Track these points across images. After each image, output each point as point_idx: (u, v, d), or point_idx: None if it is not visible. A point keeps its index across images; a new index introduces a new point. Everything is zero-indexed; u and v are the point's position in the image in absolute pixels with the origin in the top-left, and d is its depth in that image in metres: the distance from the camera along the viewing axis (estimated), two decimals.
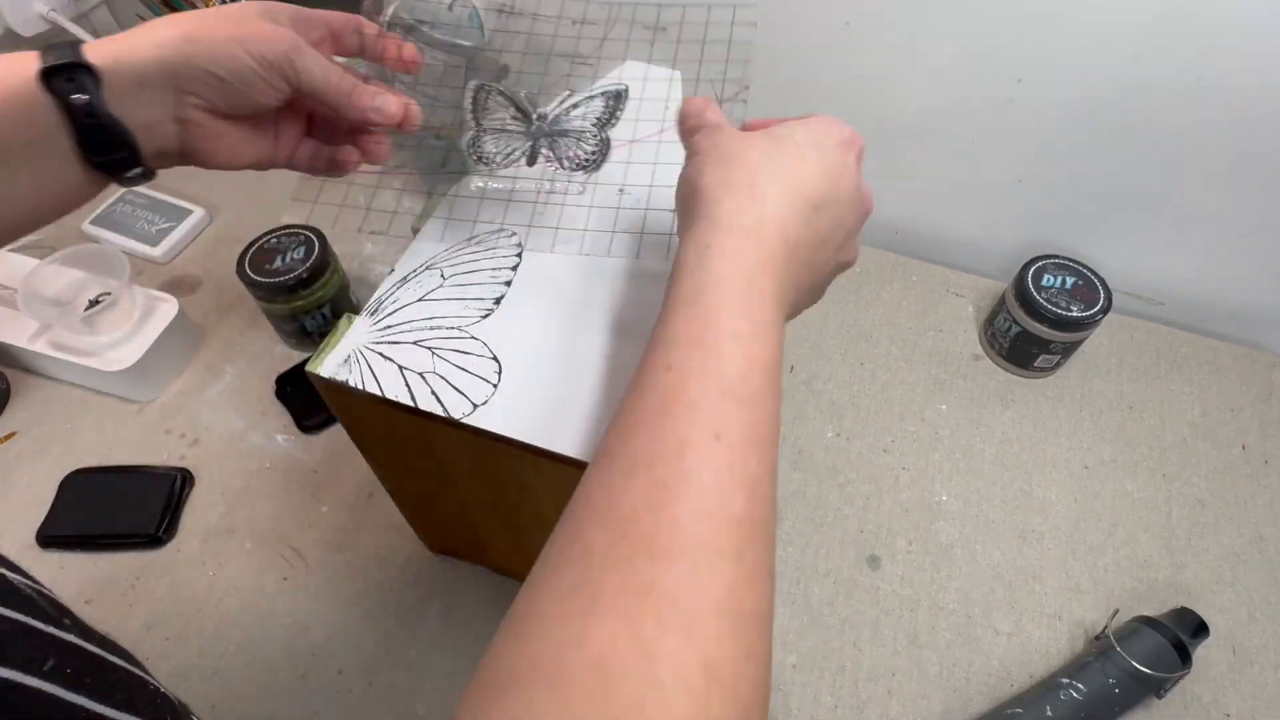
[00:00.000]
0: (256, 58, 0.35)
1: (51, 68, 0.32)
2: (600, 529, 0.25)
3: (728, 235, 0.30)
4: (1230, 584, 0.60)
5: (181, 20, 0.35)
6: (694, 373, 0.27)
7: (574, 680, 0.22)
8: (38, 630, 0.21)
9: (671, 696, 0.21)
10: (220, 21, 0.35)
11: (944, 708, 0.55)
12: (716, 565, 0.24)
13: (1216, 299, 0.77)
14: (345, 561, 0.61)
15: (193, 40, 0.34)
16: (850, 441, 0.68)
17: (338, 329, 0.40)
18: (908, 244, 0.84)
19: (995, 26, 0.64)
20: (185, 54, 0.34)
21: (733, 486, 0.25)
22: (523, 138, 0.41)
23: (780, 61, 0.75)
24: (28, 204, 0.34)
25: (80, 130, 0.33)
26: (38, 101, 0.32)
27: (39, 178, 0.34)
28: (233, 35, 0.34)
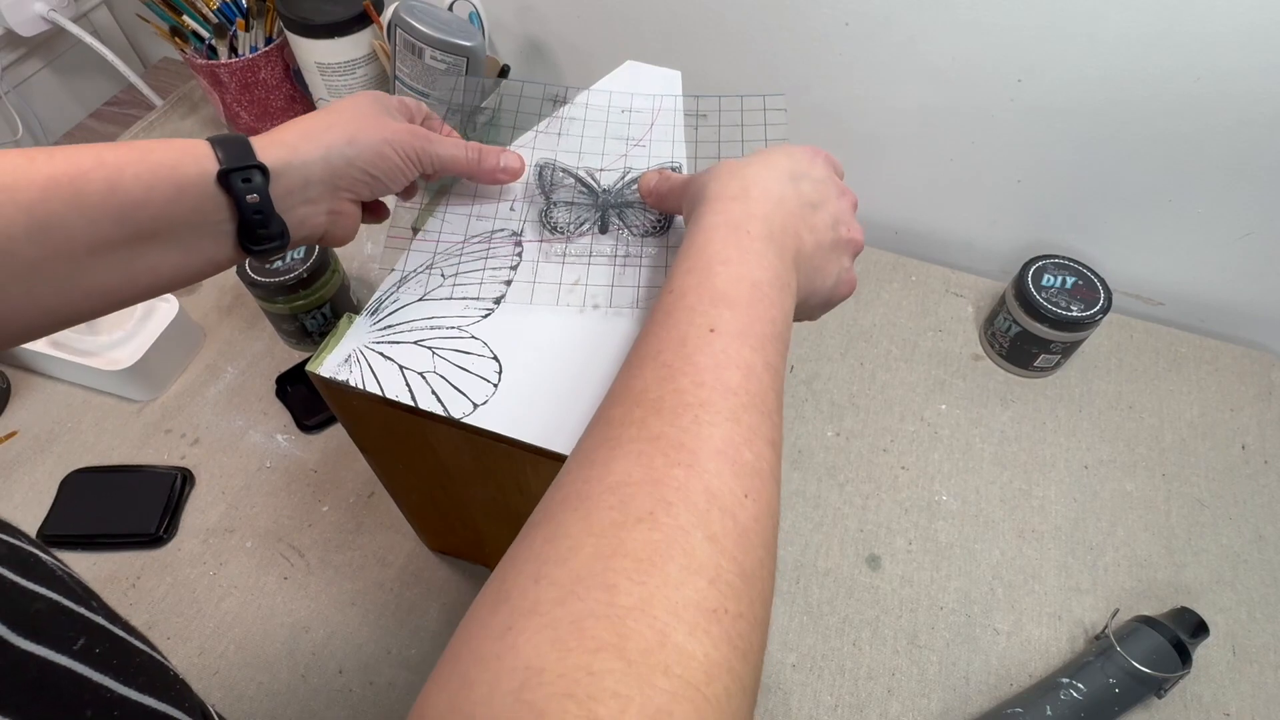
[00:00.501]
0: (402, 155, 0.40)
1: (230, 169, 0.35)
2: (618, 405, 0.30)
3: (717, 200, 0.35)
4: (1230, 583, 0.60)
5: (339, 122, 0.39)
6: (691, 288, 0.32)
7: (595, 502, 0.26)
8: (70, 610, 0.22)
9: (676, 510, 0.25)
10: (370, 123, 0.39)
11: (944, 707, 0.55)
12: (715, 420, 0.28)
13: (1216, 299, 0.77)
14: (345, 561, 0.61)
15: (353, 143, 0.39)
16: (850, 441, 0.68)
17: (338, 329, 0.40)
18: (908, 244, 0.85)
19: (995, 27, 0.64)
20: (347, 157, 0.39)
21: (727, 365, 0.29)
22: (591, 209, 0.45)
23: (781, 61, 0.75)
24: (171, 273, 0.36)
25: (244, 223, 0.36)
26: (211, 195, 0.35)
27: (191, 254, 0.36)
28: (383, 137, 0.39)
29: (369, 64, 0.81)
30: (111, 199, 0.32)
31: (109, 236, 0.33)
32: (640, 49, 0.80)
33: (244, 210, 0.36)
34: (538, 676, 0.21)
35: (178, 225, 0.35)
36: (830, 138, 0.78)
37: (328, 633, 0.57)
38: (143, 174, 0.33)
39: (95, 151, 0.33)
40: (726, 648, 0.23)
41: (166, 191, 0.34)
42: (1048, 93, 0.67)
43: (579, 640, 0.21)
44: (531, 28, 0.85)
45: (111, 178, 0.32)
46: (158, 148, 0.34)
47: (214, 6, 0.79)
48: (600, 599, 0.22)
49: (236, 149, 0.35)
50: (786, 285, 0.34)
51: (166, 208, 0.34)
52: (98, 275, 0.34)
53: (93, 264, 0.33)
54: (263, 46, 0.82)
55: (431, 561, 0.61)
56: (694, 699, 0.21)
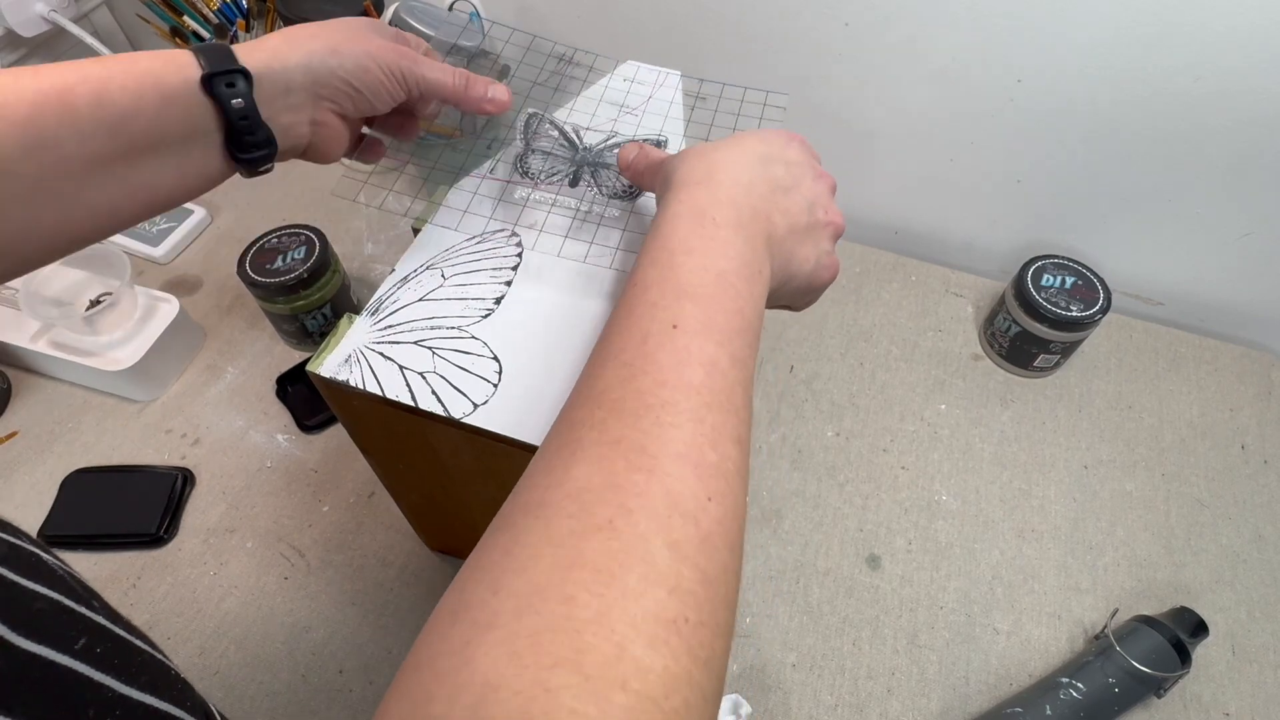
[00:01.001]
0: (386, 71, 0.40)
1: (213, 73, 0.35)
2: (580, 406, 0.29)
3: (682, 187, 0.34)
4: (1229, 583, 0.60)
5: (323, 33, 0.39)
6: (654, 282, 0.31)
7: (554, 509, 0.25)
8: (71, 610, 0.22)
9: (636, 518, 0.24)
10: (355, 36, 0.39)
11: (943, 707, 0.55)
12: (677, 421, 0.27)
13: (1215, 299, 0.77)
14: (345, 561, 0.61)
15: (336, 53, 0.38)
16: (850, 441, 0.68)
17: (339, 329, 0.40)
18: (908, 244, 0.85)
19: (995, 27, 0.64)
20: (330, 66, 0.38)
21: (690, 363, 0.28)
22: (568, 162, 0.45)
23: (780, 62, 0.75)
24: (168, 188, 0.37)
25: (231, 129, 0.36)
26: (197, 102, 0.35)
27: (184, 167, 0.37)
28: (366, 50, 0.39)
29: None
30: (100, 112, 0.32)
31: (103, 151, 0.33)
32: (640, 49, 0.80)
33: (230, 116, 0.36)
34: (494, 693, 0.20)
35: (169, 136, 0.35)
36: (830, 138, 0.78)
37: (328, 633, 0.57)
38: (129, 85, 0.33)
39: (80, 66, 0.33)
40: (687, 659, 0.22)
41: (154, 101, 0.34)
42: (1048, 93, 0.67)
43: (536, 655, 0.21)
44: (532, 28, 0.85)
45: (98, 90, 0.32)
46: (142, 59, 0.34)
47: (214, 7, 0.79)
48: (558, 612, 0.22)
49: (218, 55, 0.35)
50: (757, 273, 0.33)
51: (156, 118, 0.34)
52: (97, 193, 0.34)
53: (91, 181, 0.34)
54: None
55: (431, 561, 0.61)
56: (652, 713, 0.21)
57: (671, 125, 0.48)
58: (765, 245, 0.34)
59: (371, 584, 0.60)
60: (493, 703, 0.20)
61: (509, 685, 0.20)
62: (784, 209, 0.35)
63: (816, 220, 0.37)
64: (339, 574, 0.60)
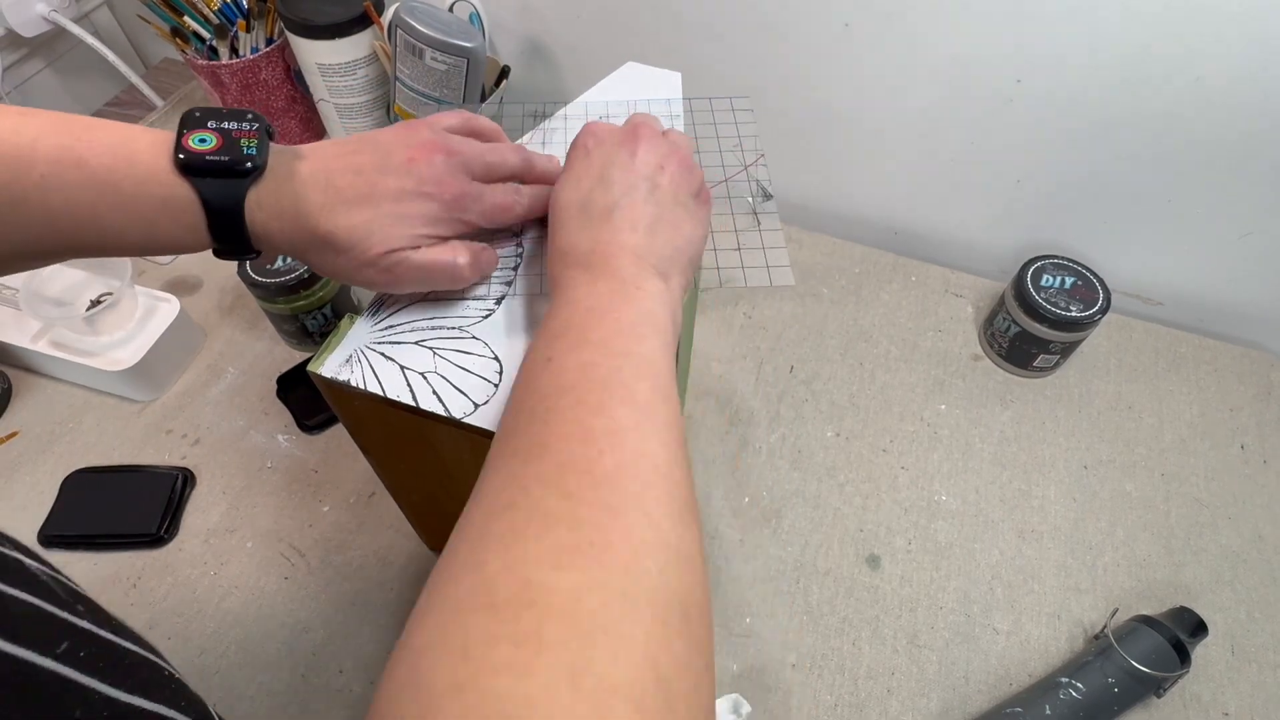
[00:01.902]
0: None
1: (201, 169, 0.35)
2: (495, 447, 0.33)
3: (553, 283, 0.38)
4: (1229, 583, 0.60)
5: (366, 213, 0.38)
6: (535, 340, 0.35)
7: (471, 515, 0.29)
8: (51, 614, 0.22)
9: (532, 490, 0.28)
10: (396, 221, 0.38)
11: (943, 707, 0.55)
12: (559, 414, 0.30)
13: (1215, 299, 0.77)
14: (346, 561, 0.61)
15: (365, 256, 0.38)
16: (850, 441, 0.68)
17: (339, 329, 0.40)
18: (908, 244, 0.85)
19: (995, 27, 0.64)
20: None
21: (564, 373, 0.32)
22: None
23: (781, 62, 0.75)
24: (134, 248, 0.37)
25: (215, 228, 0.36)
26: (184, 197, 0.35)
27: (160, 243, 0.36)
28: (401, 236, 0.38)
29: (370, 65, 0.81)
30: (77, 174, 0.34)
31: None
32: (641, 50, 0.80)
33: (214, 215, 0.36)
34: (428, 651, 0.23)
35: (155, 220, 0.36)
36: (830, 138, 0.78)
37: (328, 633, 0.57)
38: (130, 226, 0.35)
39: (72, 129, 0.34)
40: (598, 570, 0.25)
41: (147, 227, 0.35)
42: (1047, 93, 0.67)
43: (456, 611, 0.24)
44: (532, 28, 0.85)
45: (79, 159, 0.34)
46: (148, 207, 0.35)
47: (215, 7, 0.79)
48: (473, 577, 0.25)
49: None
50: (633, 290, 0.34)
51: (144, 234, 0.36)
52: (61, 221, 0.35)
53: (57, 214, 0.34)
54: (263, 47, 0.82)
55: (431, 561, 0.61)
56: (562, 618, 0.23)
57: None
58: (633, 264, 0.35)
59: (371, 584, 0.60)
60: (427, 659, 0.23)
61: (440, 643, 0.24)
62: (628, 223, 0.36)
63: (660, 194, 0.38)
64: (339, 574, 0.60)
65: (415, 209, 0.37)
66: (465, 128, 0.42)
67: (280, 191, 0.36)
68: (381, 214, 0.36)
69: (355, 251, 0.36)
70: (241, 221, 0.35)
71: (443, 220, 0.38)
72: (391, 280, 0.38)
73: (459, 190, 0.38)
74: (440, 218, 0.38)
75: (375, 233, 0.36)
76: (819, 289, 0.78)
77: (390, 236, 0.36)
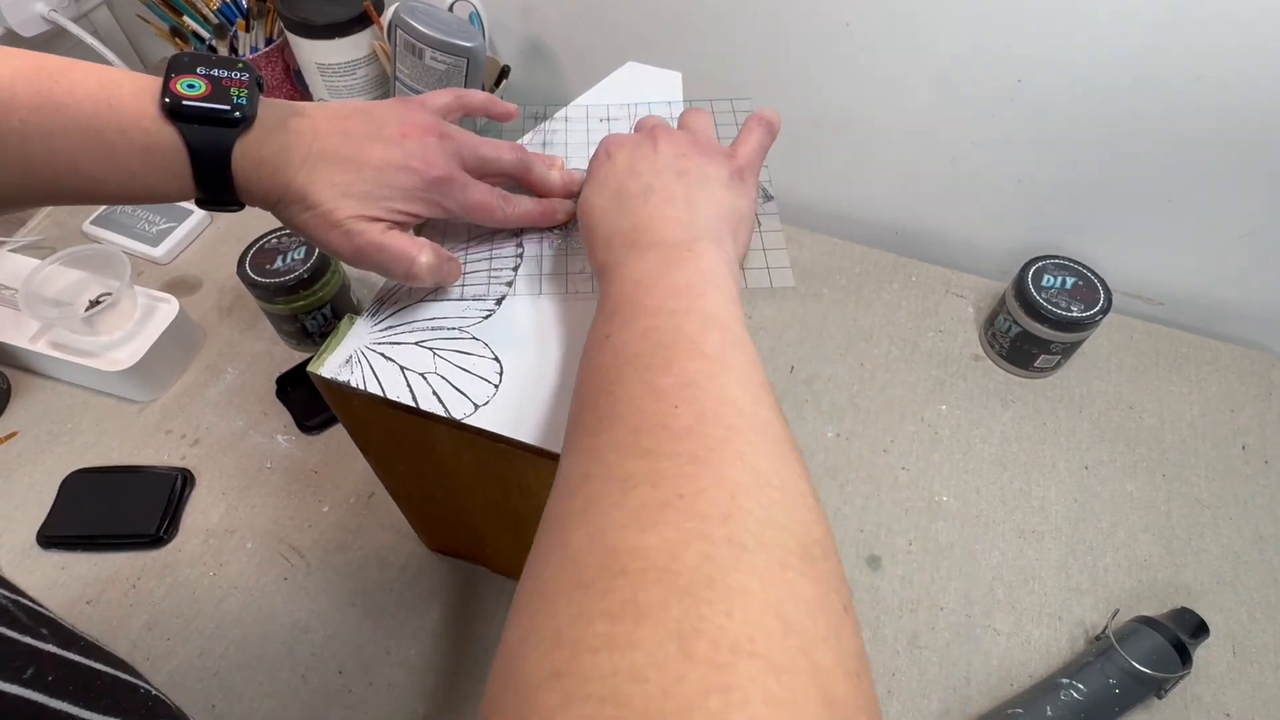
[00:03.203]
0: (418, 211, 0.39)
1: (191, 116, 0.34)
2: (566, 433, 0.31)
3: (596, 269, 0.37)
4: (1230, 584, 0.60)
5: (354, 163, 0.37)
6: (592, 324, 0.34)
7: (556, 492, 0.27)
8: (13, 640, 0.22)
9: (606, 455, 0.26)
10: (392, 178, 0.38)
11: (944, 707, 0.55)
12: (627, 382, 0.28)
13: (1216, 299, 0.77)
14: (345, 561, 0.61)
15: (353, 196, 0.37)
16: (850, 441, 0.68)
17: (339, 329, 0.40)
18: (908, 244, 0.85)
19: (995, 27, 0.64)
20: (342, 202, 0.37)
21: (627, 342, 0.30)
22: None
23: (781, 62, 0.75)
24: (114, 196, 0.36)
25: (200, 176, 0.35)
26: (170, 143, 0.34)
27: (139, 191, 0.36)
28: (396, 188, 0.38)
29: (369, 65, 0.81)
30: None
31: None
32: (641, 50, 0.80)
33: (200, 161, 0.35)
34: (521, 644, 0.22)
35: (137, 168, 0.35)
36: (831, 138, 0.78)
37: (328, 633, 0.57)
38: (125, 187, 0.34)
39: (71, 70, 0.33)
40: (693, 522, 0.23)
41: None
42: (1048, 93, 0.67)
43: (544, 598, 0.23)
44: (532, 28, 0.85)
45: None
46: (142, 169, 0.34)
47: (214, 7, 0.79)
48: (557, 558, 0.24)
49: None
50: (682, 256, 0.33)
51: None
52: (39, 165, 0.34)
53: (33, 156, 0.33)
54: (263, 47, 0.82)
55: (431, 561, 0.61)
56: (659, 580, 0.21)
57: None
58: (679, 232, 0.34)
59: (371, 584, 0.60)
60: (521, 652, 0.22)
61: (531, 633, 0.22)
62: (664, 200, 0.36)
63: (689, 178, 0.37)
64: (339, 574, 0.60)
65: (396, 180, 0.37)
66: (457, 104, 0.42)
67: (265, 142, 0.35)
68: (361, 178, 0.36)
69: (324, 209, 0.36)
70: (228, 171, 0.35)
71: (420, 198, 0.38)
72: (352, 250, 0.37)
73: (445, 173, 0.38)
74: (418, 195, 0.37)
75: (350, 196, 0.36)
76: (819, 289, 0.78)
77: (363, 202, 0.36)
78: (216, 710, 0.54)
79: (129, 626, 0.57)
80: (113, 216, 0.81)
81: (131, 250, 0.79)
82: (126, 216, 0.81)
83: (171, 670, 0.55)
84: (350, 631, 0.57)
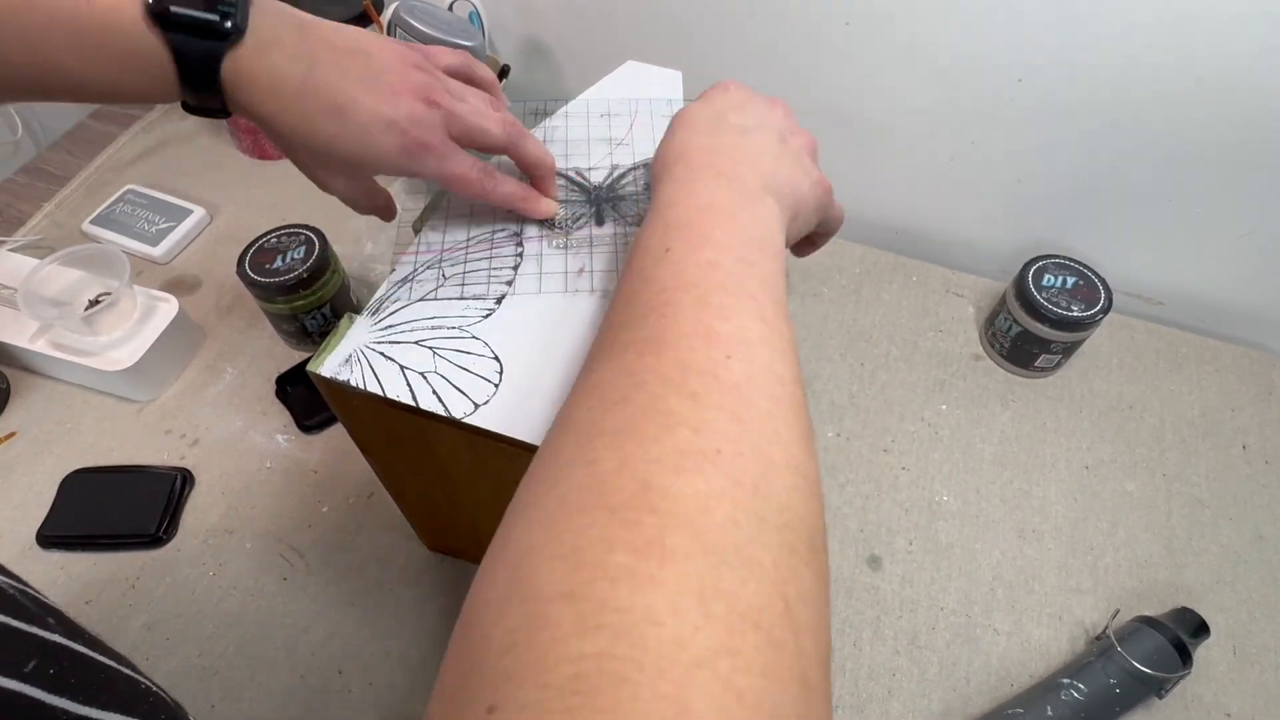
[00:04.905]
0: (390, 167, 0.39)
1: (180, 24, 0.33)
2: (595, 344, 0.30)
3: (664, 174, 0.36)
4: (1230, 584, 0.60)
5: (338, 104, 0.37)
6: (644, 233, 0.33)
7: (574, 408, 0.27)
8: (19, 630, 0.21)
9: (650, 385, 0.25)
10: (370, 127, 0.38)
11: (944, 708, 0.55)
12: (679, 312, 0.28)
13: (1216, 299, 0.77)
14: (345, 561, 0.61)
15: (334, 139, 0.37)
16: (850, 441, 0.68)
17: (339, 329, 0.40)
18: (908, 244, 0.85)
19: (995, 26, 0.64)
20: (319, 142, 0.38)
21: (687, 267, 0.29)
22: (586, 204, 0.46)
23: (781, 61, 0.75)
24: (97, 96, 0.35)
25: (187, 83, 0.34)
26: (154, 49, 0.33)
27: (126, 93, 0.35)
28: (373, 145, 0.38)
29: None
30: None
31: None
32: (641, 49, 0.80)
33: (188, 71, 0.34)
34: (534, 553, 0.22)
35: (122, 74, 0.34)
36: (830, 137, 0.78)
37: (327, 633, 0.57)
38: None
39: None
40: (724, 481, 0.22)
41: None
42: (1048, 92, 0.67)
43: (565, 512, 0.22)
44: (532, 27, 0.85)
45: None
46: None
47: None
48: (581, 474, 0.23)
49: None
50: (751, 201, 0.33)
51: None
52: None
53: None
54: None
55: (431, 561, 0.61)
56: (688, 528, 0.21)
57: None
58: (757, 180, 0.34)
59: (371, 584, 0.60)
60: (532, 562, 0.21)
61: (547, 545, 0.21)
62: (758, 147, 0.36)
63: (790, 147, 0.38)
64: (339, 574, 0.60)
65: (379, 142, 0.37)
66: (463, 72, 0.42)
67: (257, 59, 0.34)
68: (345, 133, 0.37)
69: (305, 162, 0.39)
70: (217, 80, 0.34)
71: (396, 162, 0.38)
72: (321, 174, 0.40)
73: (426, 139, 0.38)
74: (394, 158, 0.38)
75: (332, 153, 0.37)
76: (819, 289, 0.78)
77: (343, 165, 0.39)
78: (216, 710, 0.54)
79: (128, 626, 0.57)
80: (112, 216, 0.81)
81: (131, 250, 0.79)
82: (126, 216, 0.81)
83: (171, 670, 0.55)
84: (350, 631, 0.57)
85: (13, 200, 0.86)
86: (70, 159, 0.90)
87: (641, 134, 0.50)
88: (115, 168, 0.88)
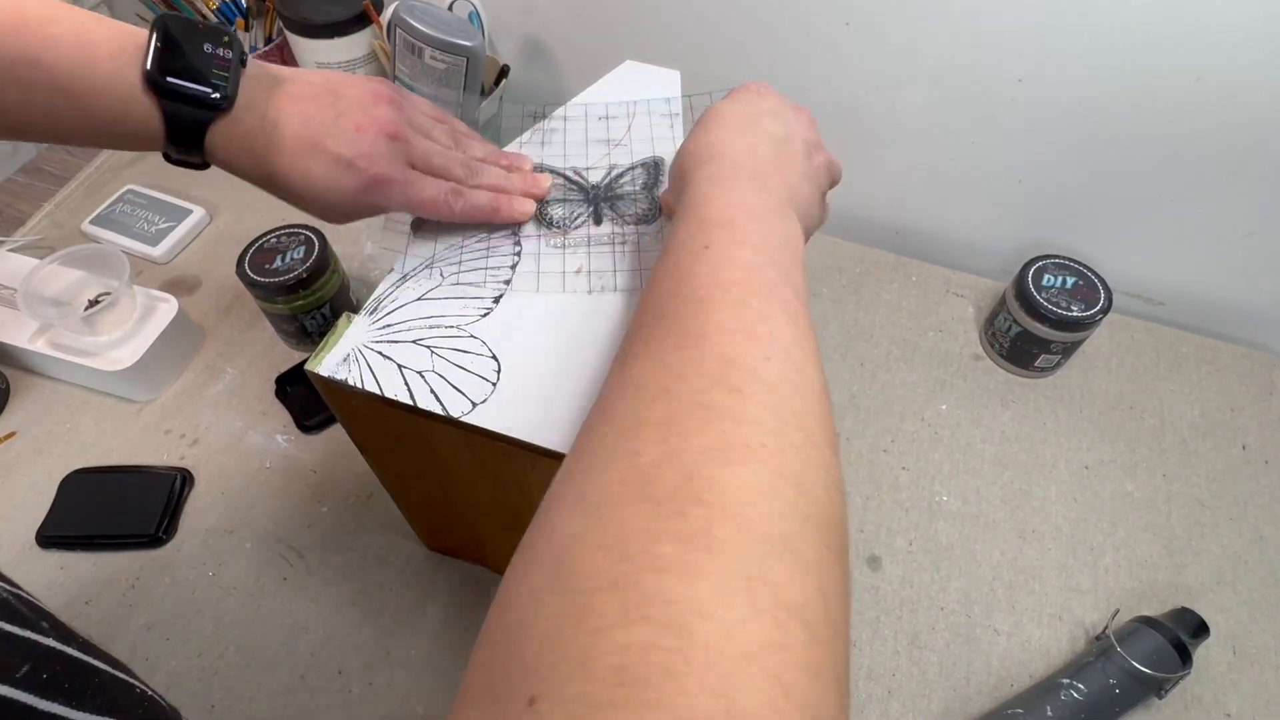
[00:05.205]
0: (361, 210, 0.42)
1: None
2: (632, 335, 0.30)
3: (697, 170, 0.36)
4: (1230, 584, 0.60)
5: (307, 160, 0.39)
6: (680, 228, 0.33)
7: (614, 401, 0.27)
8: (13, 635, 0.21)
9: (690, 379, 0.25)
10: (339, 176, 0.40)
11: (944, 708, 0.55)
12: (719, 309, 0.28)
13: (1216, 299, 0.77)
14: (345, 561, 0.61)
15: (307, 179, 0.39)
16: (850, 441, 0.68)
17: (337, 328, 0.40)
18: (908, 244, 0.84)
19: (996, 26, 0.64)
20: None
21: (726, 267, 0.30)
22: (584, 204, 0.46)
23: (781, 62, 0.75)
24: (83, 143, 0.37)
25: (174, 143, 0.37)
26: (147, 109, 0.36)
27: (112, 144, 0.38)
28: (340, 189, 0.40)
29: (369, 64, 0.81)
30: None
31: None
32: (640, 49, 0.80)
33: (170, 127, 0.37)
34: (576, 544, 0.21)
35: (112, 125, 0.36)
36: (831, 138, 0.78)
37: (327, 633, 0.57)
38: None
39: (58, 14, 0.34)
40: (770, 474, 0.22)
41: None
42: (1048, 93, 0.67)
43: (608, 502, 0.22)
44: (532, 28, 0.85)
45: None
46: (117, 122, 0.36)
47: (213, 6, 0.79)
48: (625, 466, 0.23)
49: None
50: (780, 208, 0.34)
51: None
52: None
53: None
54: (262, 46, 0.82)
55: (431, 561, 0.61)
56: (735, 520, 0.21)
57: (661, 146, 0.49)
58: (785, 192, 0.35)
59: (371, 584, 0.60)
60: (575, 552, 0.21)
61: (589, 535, 0.21)
62: (788, 160, 0.37)
63: (812, 163, 0.38)
64: (338, 574, 0.60)
65: (341, 182, 0.39)
66: (442, 126, 0.44)
67: (239, 121, 0.37)
68: (312, 181, 0.39)
69: (291, 201, 0.41)
70: (202, 142, 0.37)
71: (359, 200, 0.40)
72: (320, 218, 0.42)
73: (386, 173, 0.39)
74: (358, 195, 0.39)
75: (309, 202, 0.40)
76: (819, 289, 0.78)
77: (322, 207, 0.40)
78: (216, 710, 0.54)
79: (128, 626, 0.57)
80: (112, 216, 0.81)
81: (130, 250, 0.79)
82: (126, 216, 0.81)
83: (171, 670, 0.55)
84: (350, 631, 0.57)
85: (13, 200, 0.86)
86: (70, 159, 0.90)
87: (639, 135, 0.50)
88: (115, 168, 0.88)
